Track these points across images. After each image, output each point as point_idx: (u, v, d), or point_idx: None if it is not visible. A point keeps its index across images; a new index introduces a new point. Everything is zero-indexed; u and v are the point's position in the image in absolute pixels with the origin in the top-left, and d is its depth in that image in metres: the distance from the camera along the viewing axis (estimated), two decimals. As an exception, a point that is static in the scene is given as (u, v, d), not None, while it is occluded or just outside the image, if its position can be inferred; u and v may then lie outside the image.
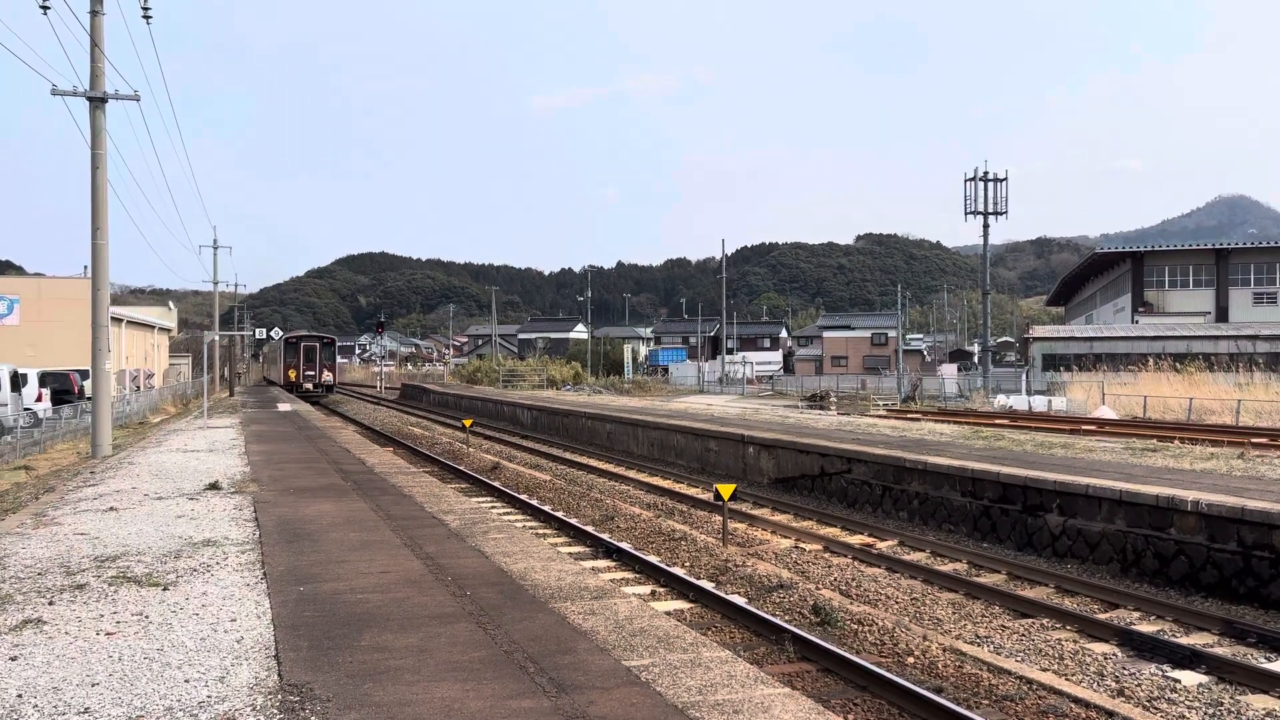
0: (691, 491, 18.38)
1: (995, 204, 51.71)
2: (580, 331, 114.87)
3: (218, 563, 7.54)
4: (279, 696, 4.51)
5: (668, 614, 8.92)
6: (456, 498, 11.44)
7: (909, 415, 32.19)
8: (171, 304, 65.07)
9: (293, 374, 51.10)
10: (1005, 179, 51.97)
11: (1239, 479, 12.16)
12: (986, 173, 51.73)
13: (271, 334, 40.34)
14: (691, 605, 10.11)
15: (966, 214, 52.09)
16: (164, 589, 6.69)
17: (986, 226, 51.74)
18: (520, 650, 5.22)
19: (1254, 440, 21.46)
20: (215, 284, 53.81)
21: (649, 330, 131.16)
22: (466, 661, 5.04)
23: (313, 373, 51.22)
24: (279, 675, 4.82)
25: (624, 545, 12.76)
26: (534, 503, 16.42)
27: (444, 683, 4.71)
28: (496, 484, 18.82)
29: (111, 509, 10.36)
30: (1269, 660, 8.27)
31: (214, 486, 11.92)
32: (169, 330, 60.55)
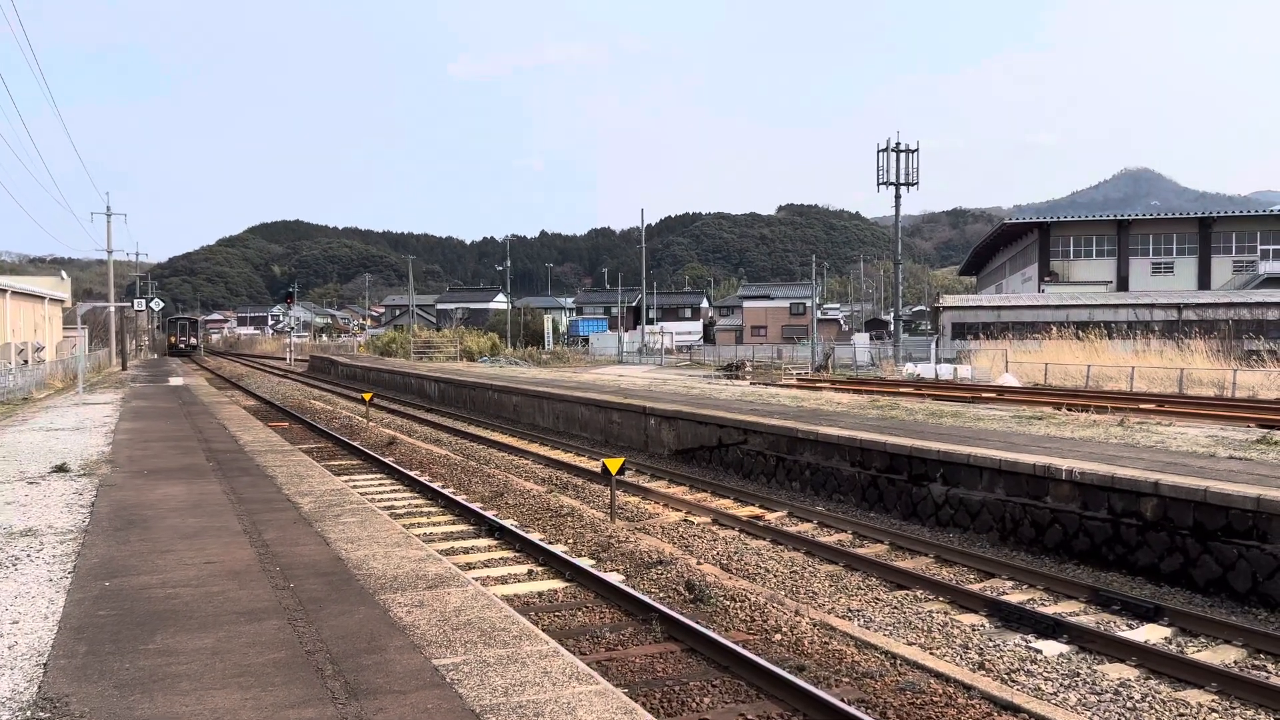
0: (590, 465, 18.04)
1: (907, 175, 52.18)
2: (501, 302, 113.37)
3: (28, 556, 6.93)
4: (28, 714, 4.03)
5: (507, 599, 8.58)
6: (321, 478, 10.89)
7: (818, 385, 32.41)
8: (64, 274, 61.97)
9: (173, 340, 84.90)
10: (917, 150, 52.42)
11: (1115, 446, 12.31)
12: (899, 144, 52.12)
13: (152, 304, 38.92)
14: (567, 585, 9.80)
15: (879, 184, 52.47)
16: (-47, 587, 6.09)
17: (898, 197, 52.25)
18: (325, 650, 4.82)
19: (1142, 406, 22.05)
20: (110, 253, 51.38)
21: (572, 300, 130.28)
22: (259, 665, 4.61)
23: (184, 339, 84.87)
24: (39, 688, 4.33)
25: (507, 523, 12.38)
26: (424, 480, 15.88)
27: (224, 690, 4.28)
28: (389, 460, 18.19)
29: (-63, 496, 9.58)
30: (1130, 628, 8.30)
31: (61, 469, 11.14)
32: (61, 301, 57.72)
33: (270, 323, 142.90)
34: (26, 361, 44.34)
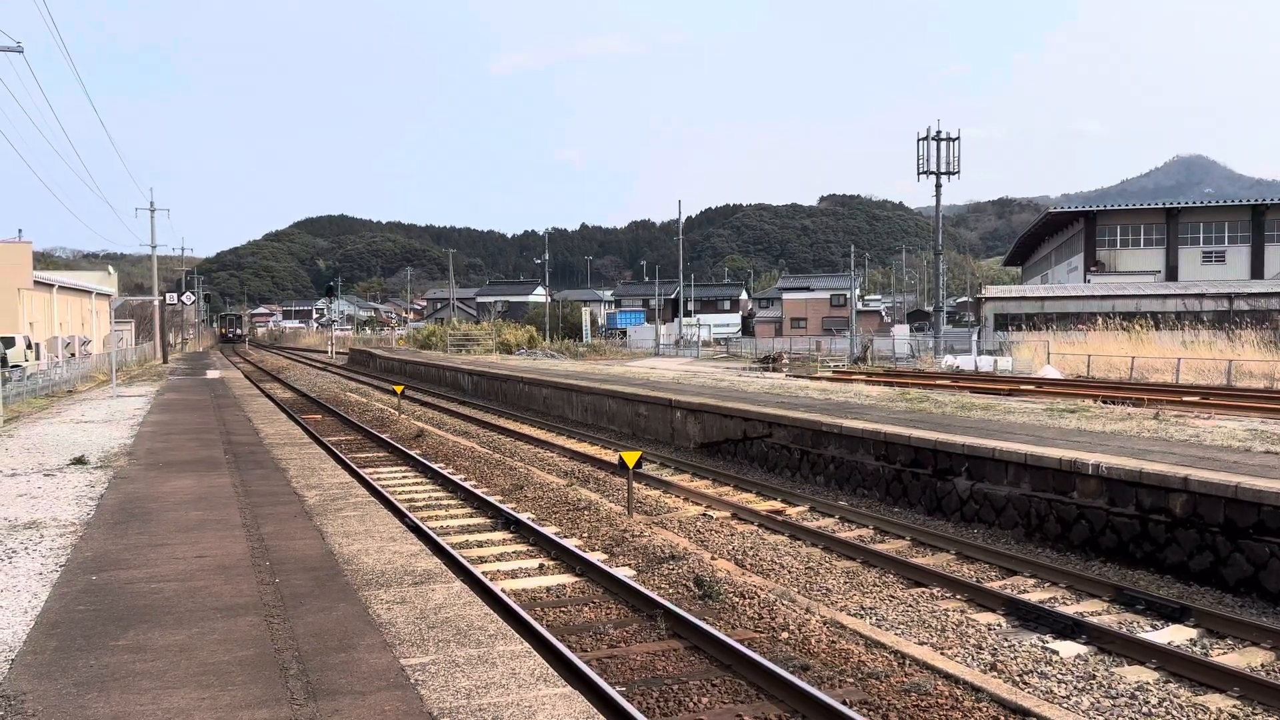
0: (614, 458, 17.92)
1: (948, 164, 51.25)
2: (540, 295, 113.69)
3: (26, 549, 6.95)
4: (-18, 711, 3.98)
5: (515, 593, 8.45)
6: (333, 471, 10.87)
7: (852, 377, 31.97)
8: (111, 269, 63.23)
9: (222, 331, 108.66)
10: (958, 138, 51.42)
11: (1146, 441, 11.89)
12: (939, 132, 51.22)
13: (184, 298, 39.52)
14: (577, 580, 9.68)
15: (919, 174, 51.62)
16: (-55, 581, 6.10)
17: (939, 186, 51.36)
18: (294, 648, 4.72)
19: (1185, 399, 21.40)
20: (154, 247, 52.29)
21: (611, 293, 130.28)
22: (224, 663, 4.53)
23: (232, 331, 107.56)
24: (-1, 685, 4.29)
25: (524, 516, 12.30)
26: (447, 472, 15.89)
27: (182, 690, 4.20)
28: (414, 453, 18.25)
29: (-46, 488, 9.69)
30: (1153, 629, 7.98)
31: (80, 461, 11.24)
32: (108, 296, 58.86)
33: (315, 316, 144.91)
34: (74, 355, 45.26)
